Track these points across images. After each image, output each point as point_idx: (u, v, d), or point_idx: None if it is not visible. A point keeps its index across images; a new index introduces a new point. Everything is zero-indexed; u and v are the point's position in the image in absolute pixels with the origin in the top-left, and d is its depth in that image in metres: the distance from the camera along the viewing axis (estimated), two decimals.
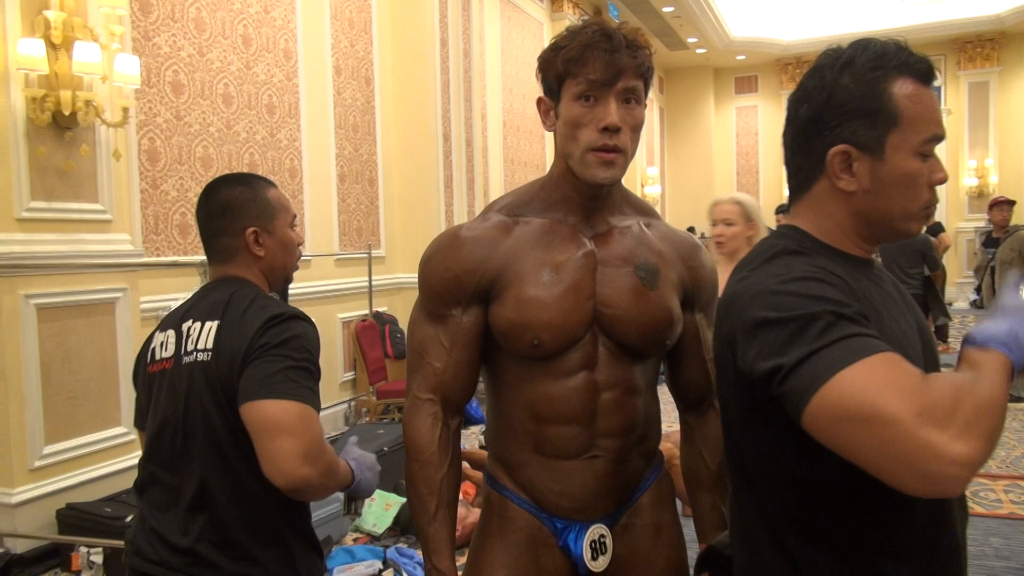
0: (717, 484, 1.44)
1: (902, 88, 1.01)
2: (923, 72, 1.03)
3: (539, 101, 1.35)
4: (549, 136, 9.87)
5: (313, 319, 1.54)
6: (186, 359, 1.46)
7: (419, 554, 3.28)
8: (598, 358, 1.33)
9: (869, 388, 0.83)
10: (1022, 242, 6.14)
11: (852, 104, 1.02)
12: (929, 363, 1.09)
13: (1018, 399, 6.17)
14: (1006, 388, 0.87)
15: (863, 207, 1.05)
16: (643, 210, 1.44)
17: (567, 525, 1.34)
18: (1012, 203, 6.40)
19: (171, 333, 1.52)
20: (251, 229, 1.53)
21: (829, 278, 0.97)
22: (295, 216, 1.66)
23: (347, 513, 2.01)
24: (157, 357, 1.53)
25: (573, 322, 1.30)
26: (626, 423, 1.34)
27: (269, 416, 1.34)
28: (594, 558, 1.33)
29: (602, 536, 1.35)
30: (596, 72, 1.24)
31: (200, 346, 1.45)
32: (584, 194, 1.34)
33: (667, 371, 1.49)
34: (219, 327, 1.45)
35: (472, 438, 5.25)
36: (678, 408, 1.51)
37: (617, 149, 1.26)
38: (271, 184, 1.62)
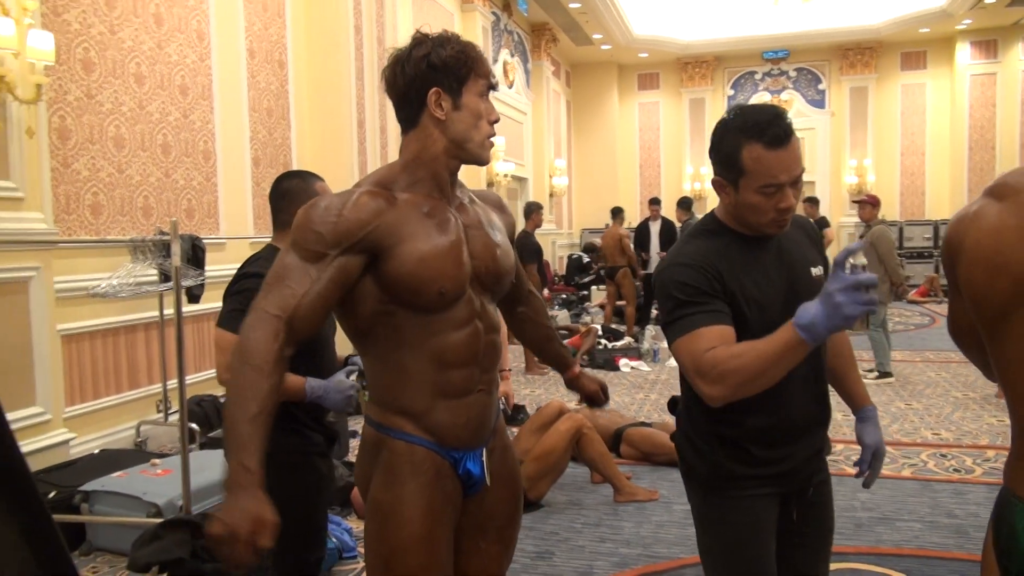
0: (554, 334, 2.06)
1: (750, 152, 1.56)
2: (772, 140, 1.54)
3: (436, 93, 1.51)
4: None
5: None
6: None
7: (345, 520, 3.44)
8: (477, 308, 1.59)
9: (682, 353, 1.57)
10: (876, 236, 6.81)
11: (721, 156, 1.63)
12: (791, 309, 1.55)
13: (886, 374, 6.82)
14: (782, 355, 1.43)
15: (736, 212, 1.66)
16: (461, 186, 1.69)
17: (462, 455, 1.60)
18: (875, 202, 7.08)
19: None
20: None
21: (700, 262, 1.61)
22: None
23: (333, 419, 2.62)
24: None
25: (464, 273, 1.54)
26: (496, 359, 1.66)
27: (216, 339, 2.05)
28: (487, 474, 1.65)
29: (486, 458, 1.65)
30: (490, 76, 1.57)
31: None
32: (453, 172, 1.59)
33: None
34: (234, 275, 2.11)
35: None
36: (506, 310, 1.91)
37: None
38: (320, 179, 2.19)
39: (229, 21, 5.90)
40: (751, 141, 1.55)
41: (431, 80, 1.51)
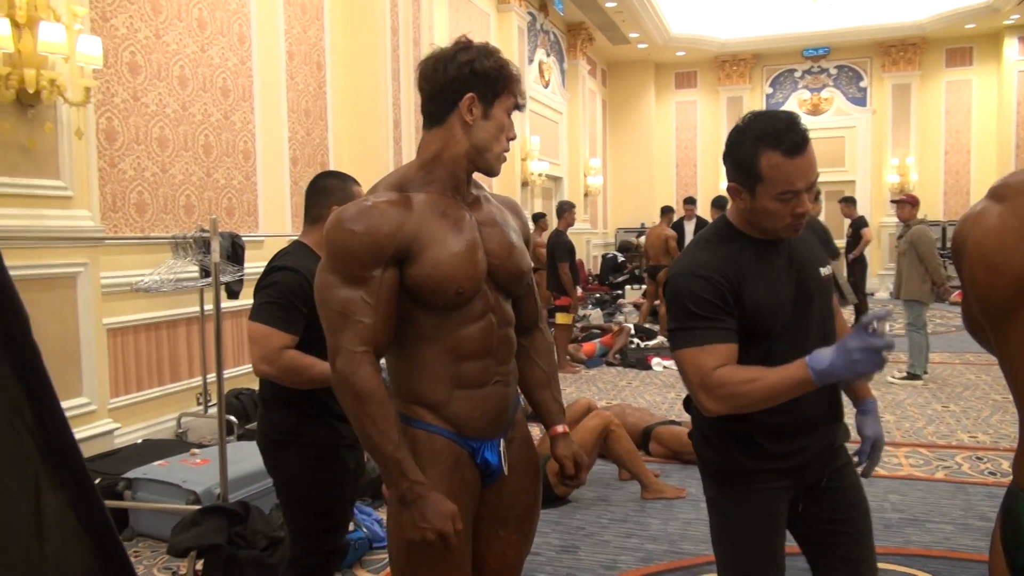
0: (552, 382, 1.89)
1: (768, 160, 1.60)
2: (790, 148, 1.59)
3: (471, 98, 1.58)
4: None
5: None
6: None
7: (377, 511, 3.53)
8: (493, 302, 1.65)
9: (686, 365, 1.65)
10: (916, 236, 6.72)
11: (737, 163, 1.66)
12: (800, 308, 1.70)
13: (915, 376, 6.72)
14: (789, 389, 1.54)
15: (751, 217, 1.70)
16: (477, 184, 1.75)
17: (480, 445, 1.66)
18: (914, 201, 6.98)
19: None
20: (335, 207, 2.09)
21: (713, 273, 1.65)
22: None
23: None
24: None
25: (480, 272, 1.61)
26: (511, 352, 1.71)
27: (248, 331, 2.16)
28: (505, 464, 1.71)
29: (503, 448, 1.71)
30: (520, 96, 1.64)
31: None
32: (469, 174, 1.66)
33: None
34: (263, 271, 2.22)
35: None
36: None
37: None
38: (356, 182, 2.30)
39: (269, 24, 6.05)
40: (769, 149, 1.59)
41: (470, 85, 1.58)
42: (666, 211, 10.00)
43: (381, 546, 3.32)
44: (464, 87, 1.58)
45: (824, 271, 1.77)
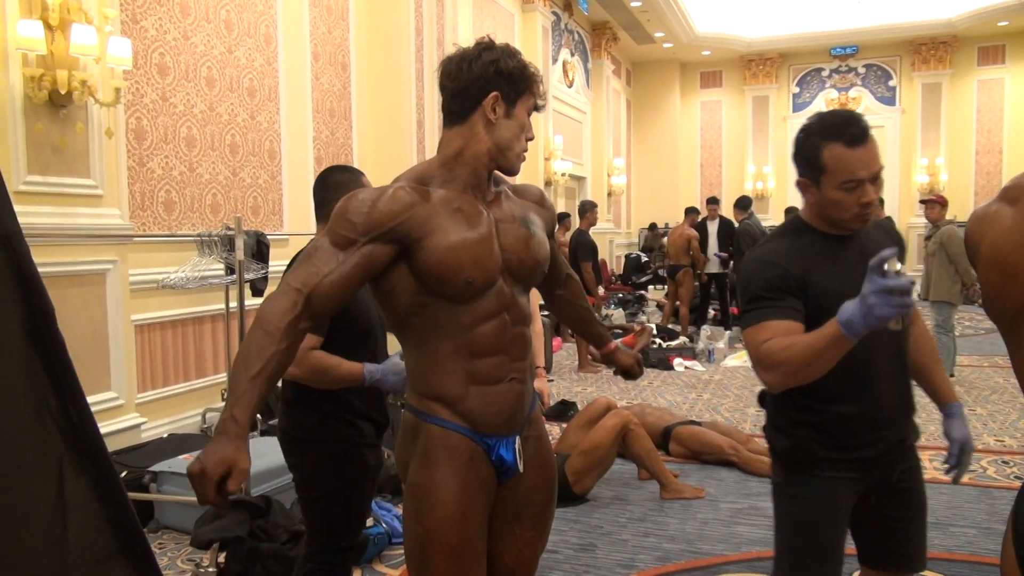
0: (593, 314, 2.14)
1: (830, 151, 1.69)
2: (850, 140, 1.67)
3: (495, 97, 1.61)
4: None
5: None
6: None
7: (396, 507, 3.57)
8: (507, 299, 1.66)
9: (748, 343, 1.72)
10: (945, 236, 6.65)
11: (804, 158, 1.75)
12: None
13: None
14: (826, 347, 1.54)
15: (820, 210, 1.77)
16: (499, 180, 1.78)
17: (496, 442, 1.67)
18: (943, 202, 6.90)
19: None
20: None
21: (780, 260, 1.74)
22: None
23: (392, 402, 2.68)
24: None
25: (493, 264, 1.62)
26: (526, 349, 1.73)
27: None
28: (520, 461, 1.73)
29: (519, 446, 1.72)
30: (540, 97, 1.69)
31: None
32: (490, 172, 1.69)
33: None
34: (284, 271, 2.11)
35: None
36: (546, 292, 2.04)
37: None
38: (364, 174, 2.27)
39: (295, 25, 6.12)
40: (831, 141, 1.68)
41: (494, 84, 1.61)
42: (690, 211, 9.95)
43: (400, 541, 3.35)
44: (488, 86, 1.61)
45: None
